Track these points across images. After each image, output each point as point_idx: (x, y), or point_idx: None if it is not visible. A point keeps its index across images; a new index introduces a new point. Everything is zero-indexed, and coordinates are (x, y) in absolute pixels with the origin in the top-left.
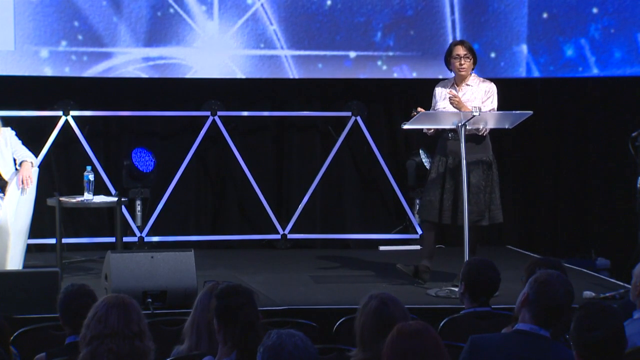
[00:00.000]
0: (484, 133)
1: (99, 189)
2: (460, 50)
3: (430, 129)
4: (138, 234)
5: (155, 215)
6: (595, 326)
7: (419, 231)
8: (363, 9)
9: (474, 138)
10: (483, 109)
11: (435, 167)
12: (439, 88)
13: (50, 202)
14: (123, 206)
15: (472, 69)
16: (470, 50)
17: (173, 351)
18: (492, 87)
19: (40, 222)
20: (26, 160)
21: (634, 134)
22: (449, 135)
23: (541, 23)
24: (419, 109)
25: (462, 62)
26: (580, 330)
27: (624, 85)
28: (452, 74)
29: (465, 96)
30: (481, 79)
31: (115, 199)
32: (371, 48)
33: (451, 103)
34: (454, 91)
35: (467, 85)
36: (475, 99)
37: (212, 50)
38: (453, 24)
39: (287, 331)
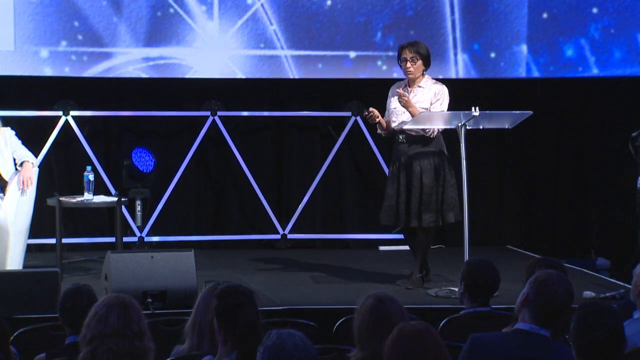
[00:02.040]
0: (432, 134)
1: (99, 189)
2: (407, 54)
3: (384, 130)
4: (138, 234)
5: (155, 215)
6: (595, 326)
7: None
8: (363, 9)
9: (422, 139)
10: (432, 110)
11: (391, 171)
12: (393, 88)
13: (50, 202)
14: (123, 206)
15: (424, 71)
16: (419, 53)
17: (173, 351)
18: (442, 90)
19: (40, 222)
20: (27, 161)
21: (634, 134)
22: (399, 138)
23: (541, 23)
24: (371, 109)
25: (408, 65)
26: (580, 330)
27: (624, 85)
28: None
29: (415, 97)
30: (434, 81)
31: (115, 199)
32: (371, 48)
33: (400, 102)
34: (402, 90)
35: (419, 87)
36: (424, 101)
37: (212, 50)
38: (453, 24)
39: (287, 331)
